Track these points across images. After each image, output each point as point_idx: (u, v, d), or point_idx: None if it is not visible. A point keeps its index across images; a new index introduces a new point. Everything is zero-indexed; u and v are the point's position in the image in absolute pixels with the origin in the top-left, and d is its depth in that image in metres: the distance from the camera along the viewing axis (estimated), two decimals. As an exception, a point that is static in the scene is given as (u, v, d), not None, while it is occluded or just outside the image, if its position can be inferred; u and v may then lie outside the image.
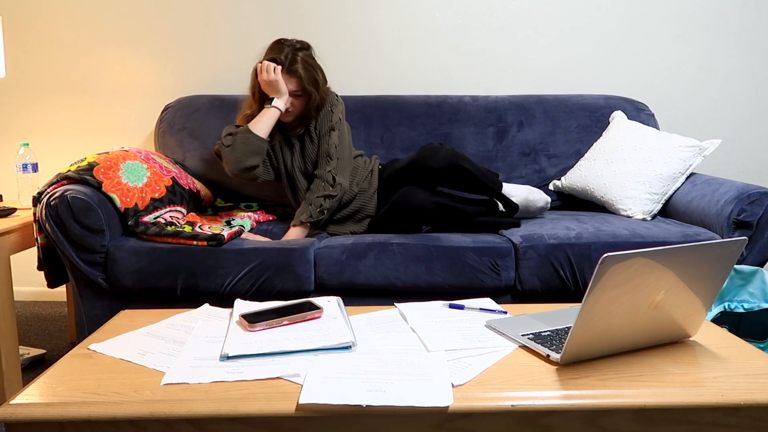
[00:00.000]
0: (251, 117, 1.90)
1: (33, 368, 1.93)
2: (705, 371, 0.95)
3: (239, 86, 2.43)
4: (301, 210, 1.89)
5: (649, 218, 1.98)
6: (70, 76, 2.46)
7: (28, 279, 2.58)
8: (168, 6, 2.42)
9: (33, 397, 0.88)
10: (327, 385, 0.90)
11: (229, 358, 1.00)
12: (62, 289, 2.49)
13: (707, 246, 0.98)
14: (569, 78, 2.49)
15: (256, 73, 1.89)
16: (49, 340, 2.17)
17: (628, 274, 0.93)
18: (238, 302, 1.27)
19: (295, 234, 1.85)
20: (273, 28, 2.43)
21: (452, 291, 1.68)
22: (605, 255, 0.88)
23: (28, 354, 1.96)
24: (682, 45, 2.46)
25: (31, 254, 2.39)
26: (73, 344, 2.10)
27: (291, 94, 1.86)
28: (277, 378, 0.92)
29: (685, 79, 2.48)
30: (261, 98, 1.91)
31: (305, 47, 1.92)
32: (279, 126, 1.95)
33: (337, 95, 1.99)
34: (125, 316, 1.24)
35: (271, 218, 2.16)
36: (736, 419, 0.88)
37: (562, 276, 1.68)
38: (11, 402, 0.87)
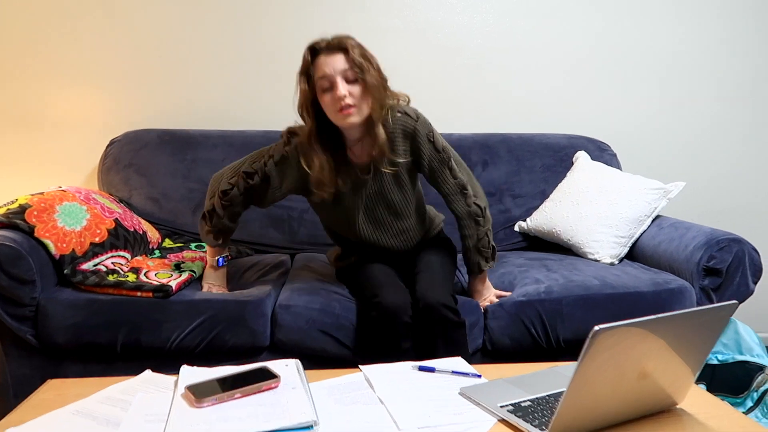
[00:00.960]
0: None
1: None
2: (700, 449, 0.88)
3: (192, 120, 2.31)
4: (473, 260, 1.65)
5: (616, 262, 1.94)
6: (5, 107, 2.27)
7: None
8: (116, 34, 2.28)
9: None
10: (285, 481, 0.78)
11: (171, 445, 0.86)
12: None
13: (699, 312, 0.92)
14: (530, 115, 2.46)
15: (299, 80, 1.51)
16: (-28, 397, 1.95)
17: (619, 346, 0.85)
18: (184, 369, 1.13)
19: (479, 281, 1.69)
20: (231, 59, 2.31)
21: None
22: (597, 328, 0.80)
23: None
24: (644, 85, 2.47)
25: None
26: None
27: (344, 76, 1.44)
28: (227, 473, 0.80)
29: (647, 119, 2.49)
30: (315, 110, 1.51)
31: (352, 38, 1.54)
32: (340, 149, 1.56)
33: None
34: (52, 387, 1.09)
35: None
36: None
37: (533, 334, 1.61)
38: None
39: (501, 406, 0.99)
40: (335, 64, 1.45)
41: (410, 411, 0.99)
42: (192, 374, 1.11)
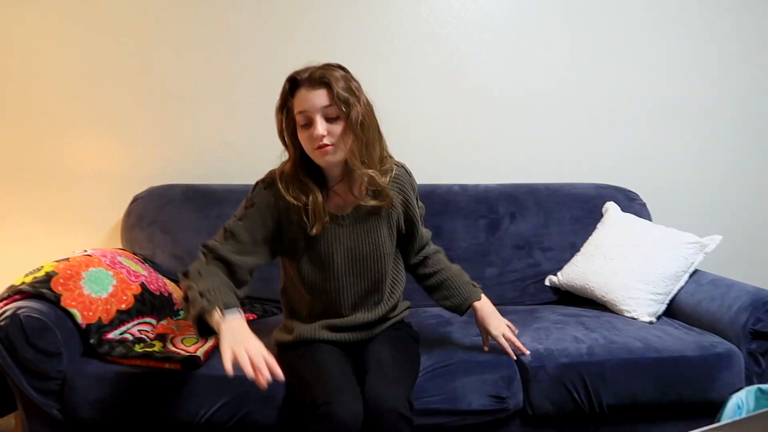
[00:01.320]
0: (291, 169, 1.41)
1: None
2: None
3: (216, 175, 2.29)
4: (468, 283, 1.58)
5: (655, 320, 1.87)
6: (27, 163, 2.26)
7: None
8: (139, 86, 2.28)
9: None
10: None
11: None
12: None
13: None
14: (556, 163, 2.42)
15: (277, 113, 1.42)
16: (-8, 466, 1.90)
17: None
18: (220, 460, 1.08)
19: (487, 305, 1.57)
20: (255, 113, 2.30)
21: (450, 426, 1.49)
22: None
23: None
24: (672, 131, 2.43)
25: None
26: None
27: (323, 113, 1.32)
28: None
29: (677, 166, 2.44)
30: (293, 141, 1.40)
31: (343, 68, 1.40)
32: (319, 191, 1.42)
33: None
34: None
35: (251, 317, 1.97)
36: None
37: (576, 399, 1.54)
38: None
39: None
40: (315, 99, 1.32)
41: None
42: (228, 466, 1.06)
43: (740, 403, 1.35)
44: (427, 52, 2.36)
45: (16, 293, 1.52)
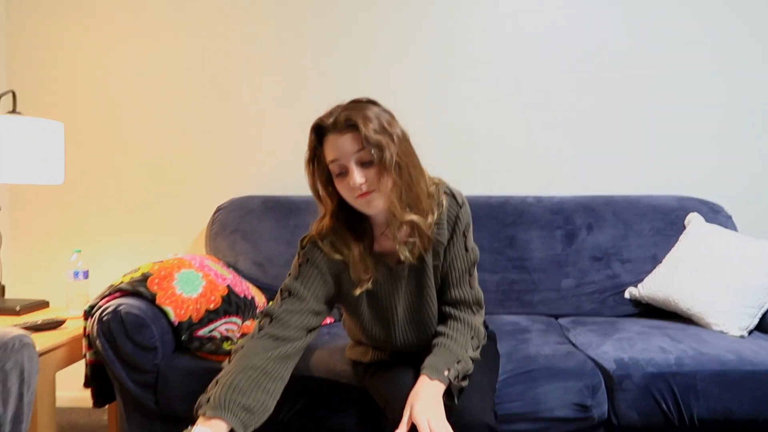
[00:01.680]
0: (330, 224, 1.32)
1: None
2: None
3: (294, 186, 2.37)
4: (442, 361, 1.24)
5: (746, 334, 1.79)
6: (123, 178, 2.44)
7: (61, 383, 2.44)
8: (221, 103, 2.42)
9: None
10: None
11: None
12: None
13: None
14: (635, 175, 2.37)
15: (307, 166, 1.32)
16: (85, 459, 2.01)
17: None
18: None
19: (433, 388, 1.19)
20: (329, 128, 2.39)
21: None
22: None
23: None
24: (759, 139, 2.34)
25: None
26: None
27: (357, 159, 1.21)
28: None
29: (764, 178, 2.34)
30: (329, 191, 1.30)
31: (372, 102, 1.28)
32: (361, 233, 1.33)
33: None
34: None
35: (329, 321, 2.02)
36: None
37: (664, 410, 1.48)
38: None
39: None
40: (345, 146, 1.21)
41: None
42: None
43: None
44: (495, 67, 2.38)
45: (116, 291, 1.63)
